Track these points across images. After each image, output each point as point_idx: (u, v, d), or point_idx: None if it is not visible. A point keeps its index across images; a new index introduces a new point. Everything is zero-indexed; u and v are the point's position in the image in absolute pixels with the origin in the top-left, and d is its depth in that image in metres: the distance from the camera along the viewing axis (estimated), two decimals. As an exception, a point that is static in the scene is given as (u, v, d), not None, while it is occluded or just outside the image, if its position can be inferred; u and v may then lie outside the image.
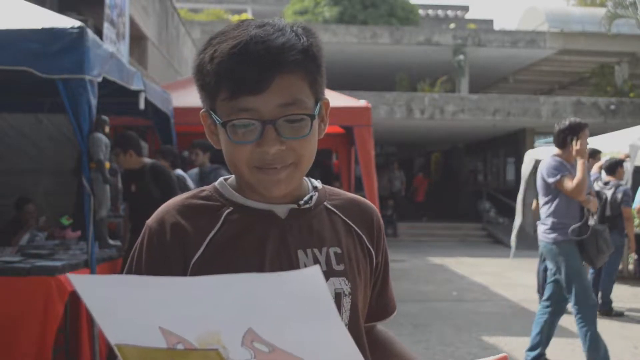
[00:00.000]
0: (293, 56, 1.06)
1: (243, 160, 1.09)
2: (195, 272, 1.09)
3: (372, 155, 7.79)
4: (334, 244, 1.18)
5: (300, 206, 1.17)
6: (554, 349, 6.01)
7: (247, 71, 1.04)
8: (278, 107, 1.06)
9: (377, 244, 1.27)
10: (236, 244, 1.12)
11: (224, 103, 1.08)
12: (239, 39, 1.06)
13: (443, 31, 20.14)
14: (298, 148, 1.10)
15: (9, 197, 6.93)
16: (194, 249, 1.11)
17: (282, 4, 30.60)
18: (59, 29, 4.01)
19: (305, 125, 1.09)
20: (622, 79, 19.96)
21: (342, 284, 1.16)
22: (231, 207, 1.15)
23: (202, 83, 1.11)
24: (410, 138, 22.69)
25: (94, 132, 4.37)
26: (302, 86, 1.09)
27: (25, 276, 3.81)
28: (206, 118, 1.16)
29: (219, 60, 1.06)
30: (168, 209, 1.15)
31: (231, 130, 1.08)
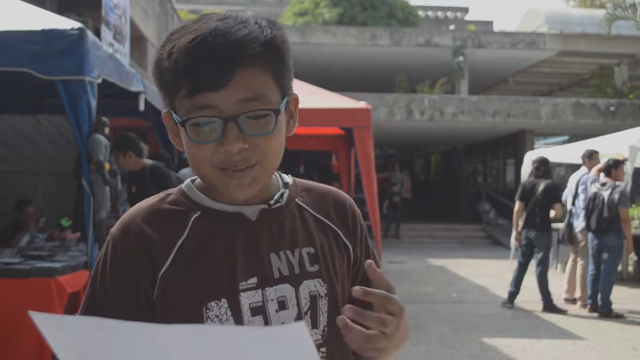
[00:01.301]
0: (254, 49, 1.00)
1: (205, 161, 1.03)
2: (164, 284, 1.04)
3: (372, 156, 7.80)
4: (307, 244, 1.13)
5: (271, 206, 1.11)
6: (553, 349, 6.01)
7: (206, 66, 0.98)
8: (239, 102, 1.00)
9: (354, 236, 1.20)
10: (205, 252, 1.06)
11: (183, 101, 1.02)
12: (198, 33, 1.00)
13: (443, 33, 20.14)
14: (263, 145, 1.03)
15: (8, 199, 6.93)
16: (162, 259, 1.05)
17: (282, 5, 30.62)
18: (58, 31, 4.02)
19: (270, 121, 1.03)
20: (622, 80, 19.96)
21: (317, 285, 1.11)
22: (199, 211, 1.09)
23: (161, 81, 1.05)
24: (410, 139, 22.69)
25: (93, 134, 4.37)
26: (266, 80, 1.03)
27: (25, 277, 3.81)
28: (168, 119, 1.10)
29: (176, 55, 1.00)
30: (132, 217, 1.09)
31: (191, 129, 1.01)
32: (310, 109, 7.70)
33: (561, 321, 7.20)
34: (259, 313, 1.06)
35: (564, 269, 11.08)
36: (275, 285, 1.08)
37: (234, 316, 1.04)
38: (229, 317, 1.04)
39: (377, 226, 7.93)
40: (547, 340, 6.37)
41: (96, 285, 1.08)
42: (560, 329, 6.86)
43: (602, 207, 7.35)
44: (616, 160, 7.78)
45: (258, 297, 1.06)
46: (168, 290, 1.04)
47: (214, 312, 1.03)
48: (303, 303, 1.09)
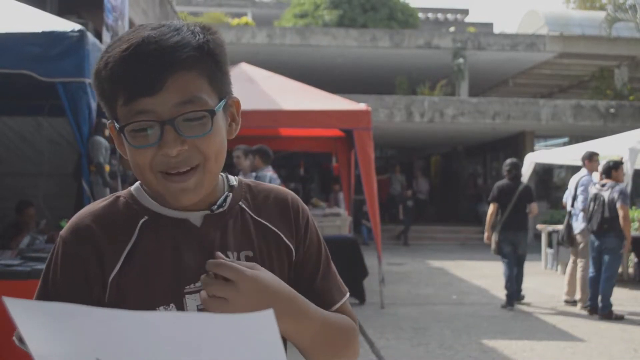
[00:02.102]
0: (186, 53, 1.02)
1: (146, 166, 1.05)
2: (114, 288, 1.06)
3: (372, 158, 7.80)
4: (245, 247, 1.15)
5: (214, 212, 1.13)
6: (553, 351, 6.01)
7: (140, 72, 1.01)
8: (175, 106, 1.02)
9: (296, 234, 1.21)
10: (153, 258, 1.08)
11: (122, 109, 1.04)
12: (131, 42, 1.02)
13: (443, 34, 20.14)
14: (202, 147, 1.05)
15: (8, 200, 6.93)
16: (111, 263, 1.07)
17: (282, 7, 30.64)
18: (59, 33, 4.02)
19: (206, 122, 1.05)
20: (622, 82, 19.96)
21: None
22: (146, 215, 1.11)
23: (101, 91, 1.07)
24: (410, 141, 22.69)
25: (93, 135, 4.38)
26: (200, 84, 1.05)
27: (25, 279, 3.81)
28: (113, 129, 1.10)
29: (112, 64, 1.03)
30: (82, 219, 1.10)
31: (130, 135, 1.03)
32: (310, 110, 7.71)
33: (561, 323, 7.20)
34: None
35: (564, 271, 11.09)
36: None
37: None
38: None
39: (377, 227, 7.92)
40: (547, 341, 6.37)
41: (47, 286, 1.09)
42: (561, 330, 6.86)
43: (603, 208, 7.34)
44: (616, 162, 7.78)
45: None
46: (118, 294, 1.07)
47: None
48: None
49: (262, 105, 7.41)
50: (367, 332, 6.54)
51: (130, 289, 1.07)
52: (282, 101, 7.80)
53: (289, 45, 18.70)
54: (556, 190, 19.13)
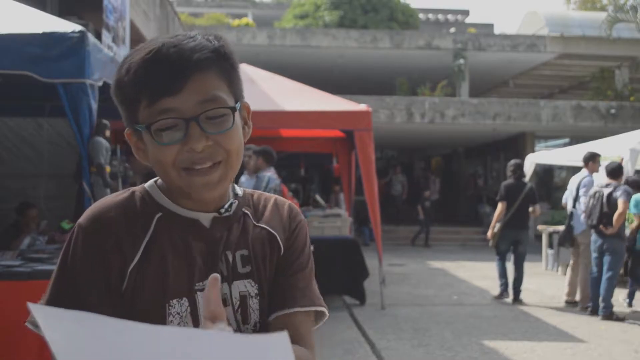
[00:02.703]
0: (204, 55, 1.09)
1: (170, 163, 1.09)
2: (132, 279, 1.10)
3: (373, 159, 7.80)
4: (241, 246, 1.20)
5: (221, 214, 1.18)
6: (554, 352, 6.00)
7: (162, 73, 1.06)
8: (197, 104, 1.08)
9: (287, 239, 1.25)
10: (169, 252, 1.13)
11: (145, 111, 1.09)
12: (151, 47, 1.09)
13: (443, 35, 20.14)
14: (224, 142, 1.10)
15: (9, 201, 6.93)
16: (131, 254, 1.10)
17: (282, 8, 30.64)
18: (59, 34, 4.02)
19: (228, 120, 1.11)
20: (623, 83, 19.95)
21: (247, 286, 1.18)
22: (161, 212, 1.16)
23: (122, 98, 1.12)
24: (410, 142, 22.69)
25: (94, 136, 4.38)
26: (219, 84, 1.11)
27: (25, 280, 3.81)
28: (131, 136, 1.16)
29: (134, 69, 1.08)
30: (102, 208, 1.14)
31: (156, 134, 1.08)
32: (310, 111, 7.71)
33: (562, 324, 7.20)
34: None
35: (564, 272, 11.09)
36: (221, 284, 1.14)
37: (192, 314, 1.12)
38: (187, 315, 1.12)
39: (378, 228, 7.92)
40: (547, 342, 6.36)
41: (65, 275, 1.11)
42: (561, 331, 6.86)
43: (601, 203, 7.33)
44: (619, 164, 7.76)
45: None
46: (136, 285, 1.10)
47: (175, 309, 1.11)
48: (234, 302, 1.17)
49: (262, 106, 7.41)
50: (368, 333, 6.53)
51: (147, 280, 1.11)
52: (282, 102, 7.81)
53: (289, 46, 18.70)
54: (557, 191, 19.12)
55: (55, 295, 1.11)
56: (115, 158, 5.43)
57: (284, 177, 11.16)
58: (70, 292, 1.09)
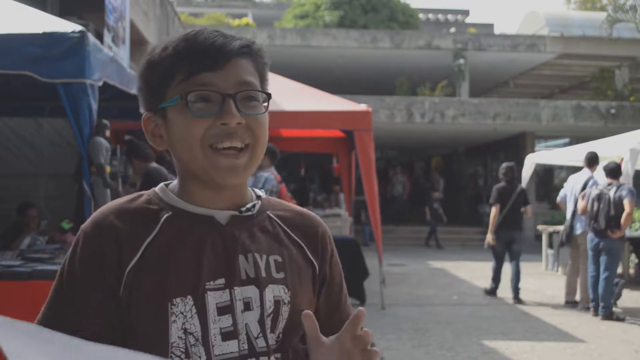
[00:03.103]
0: (242, 44, 1.11)
1: (198, 137, 1.07)
2: (130, 279, 1.06)
3: (373, 159, 7.80)
4: (275, 252, 1.17)
5: (242, 213, 1.15)
6: (554, 352, 6.00)
7: (205, 51, 1.08)
8: (235, 84, 1.09)
9: (321, 255, 1.24)
10: (173, 251, 1.09)
11: (179, 86, 1.09)
12: (194, 30, 1.11)
13: (443, 35, 20.14)
14: (255, 127, 1.11)
15: (9, 201, 6.93)
16: (130, 255, 1.07)
17: (282, 8, 30.63)
18: (59, 34, 4.02)
19: (260, 106, 1.12)
20: (623, 83, 19.95)
21: (281, 292, 1.14)
22: (170, 211, 1.13)
23: (152, 78, 1.12)
24: (410, 142, 22.68)
25: (94, 136, 4.38)
26: (254, 74, 1.13)
27: (25, 280, 3.81)
28: (149, 121, 1.16)
29: (174, 46, 1.10)
30: (104, 213, 1.12)
31: (191, 104, 1.08)
32: (311, 111, 7.71)
33: (562, 324, 7.20)
34: (227, 312, 1.09)
35: (564, 272, 11.08)
36: (242, 286, 1.11)
37: (199, 314, 1.07)
38: (193, 315, 1.07)
39: (378, 229, 7.92)
40: (547, 342, 6.36)
41: (63, 279, 1.10)
42: (561, 331, 6.86)
43: (609, 207, 7.28)
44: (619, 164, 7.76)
45: (226, 297, 1.09)
46: (134, 286, 1.06)
47: (179, 308, 1.06)
48: (267, 306, 1.12)
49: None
50: (368, 333, 6.53)
51: (147, 279, 1.07)
52: (282, 102, 7.81)
53: (289, 46, 18.70)
54: (557, 191, 19.11)
55: (56, 298, 1.11)
56: (115, 158, 5.44)
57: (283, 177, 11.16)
58: (69, 295, 1.09)
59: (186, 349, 1.05)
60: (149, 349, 1.04)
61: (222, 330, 1.08)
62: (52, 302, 1.10)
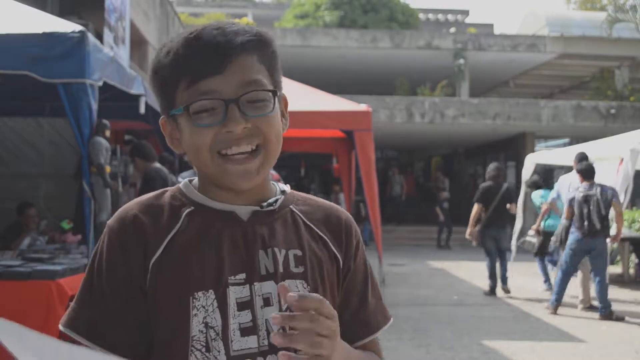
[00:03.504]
0: (248, 38, 1.08)
1: (206, 146, 1.07)
2: (154, 272, 1.07)
3: (373, 159, 7.79)
4: (295, 246, 1.15)
5: (263, 208, 1.15)
6: (554, 352, 6.00)
7: (205, 54, 1.05)
8: (239, 86, 1.06)
9: (346, 250, 1.22)
10: (195, 245, 1.10)
11: (184, 93, 1.07)
12: (195, 30, 1.08)
13: (443, 35, 20.15)
14: (263, 127, 1.08)
15: (9, 201, 6.93)
16: (154, 249, 1.08)
17: (282, 8, 30.64)
18: (59, 34, 4.02)
19: (268, 104, 1.09)
20: (623, 83, 19.96)
21: (299, 286, 1.13)
22: (192, 206, 1.13)
23: (160, 82, 1.11)
24: (410, 142, 22.69)
25: (94, 136, 4.38)
26: (261, 69, 1.10)
27: (25, 280, 3.81)
28: (166, 125, 1.15)
29: (175, 50, 1.07)
30: (129, 209, 1.13)
31: (194, 115, 1.06)
32: (310, 111, 7.70)
33: (562, 324, 7.20)
34: (247, 308, 1.09)
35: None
36: (261, 281, 1.11)
37: (220, 308, 1.07)
38: (214, 309, 1.07)
39: (378, 229, 7.92)
40: (548, 342, 6.36)
41: (93, 275, 1.11)
42: (562, 331, 6.86)
43: (598, 207, 7.32)
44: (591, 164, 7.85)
45: (246, 292, 1.09)
46: (158, 279, 1.07)
47: (200, 302, 1.07)
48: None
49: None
50: (368, 333, 6.53)
51: (169, 273, 1.08)
52: (282, 102, 7.79)
53: (289, 46, 18.70)
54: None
55: (85, 293, 1.12)
56: (115, 158, 5.45)
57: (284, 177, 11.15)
58: (97, 290, 1.10)
59: (207, 343, 1.06)
60: (170, 342, 1.07)
61: (241, 325, 1.08)
62: (82, 297, 1.12)
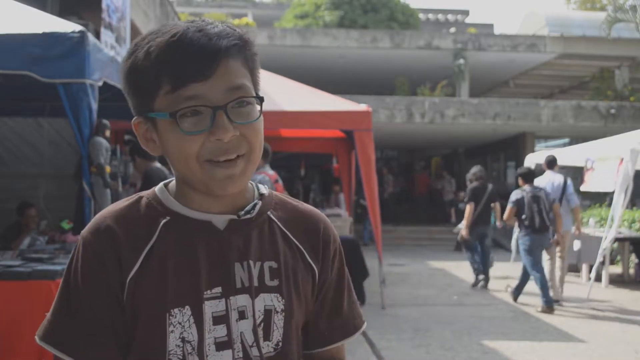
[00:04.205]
0: (232, 41, 1.04)
1: (194, 154, 1.02)
2: (131, 289, 1.04)
3: (373, 159, 7.79)
4: (270, 257, 1.12)
5: (240, 217, 1.11)
6: (554, 352, 6.00)
7: (190, 58, 1.00)
8: (225, 92, 1.02)
9: (322, 259, 1.19)
10: (172, 259, 1.06)
11: (166, 97, 1.02)
12: (175, 31, 1.02)
13: (443, 35, 20.15)
14: (249, 135, 1.05)
15: (9, 201, 6.94)
16: (130, 263, 1.05)
17: (282, 8, 30.64)
18: (59, 34, 4.03)
19: (254, 110, 1.06)
20: (623, 83, 19.96)
21: (273, 300, 1.11)
22: (168, 216, 1.09)
23: (137, 84, 1.05)
24: (410, 142, 22.69)
25: (94, 136, 4.38)
26: (245, 73, 1.07)
27: (25, 280, 3.81)
28: (139, 125, 1.09)
29: (157, 52, 1.01)
30: (103, 218, 1.08)
31: (180, 121, 1.01)
32: (310, 111, 7.70)
33: (562, 324, 7.20)
34: (222, 322, 1.07)
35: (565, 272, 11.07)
36: (236, 294, 1.09)
37: (196, 324, 1.05)
38: (191, 324, 1.05)
39: (378, 229, 7.92)
40: (548, 342, 6.36)
41: (69, 286, 1.07)
42: (562, 331, 6.86)
43: (545, 206, 7.88)
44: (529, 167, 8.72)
45: (222, 307, 1.07)
46: (135, 295, 1.05)
47: (176, 318, 1.05)
48: (257, 315, 1.10)
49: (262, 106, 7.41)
50: (368, 333, 6.53)
51: (146, 289, 1.05)
52: (282, 102, 7.80)
53: (289, 46, 18.71)
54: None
55: (61, 305, 1.08)
56: (115, 158, 5.43)
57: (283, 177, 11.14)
58: (73, 302, 1.06)
59: (183, 356, 1.05)
60: (147, 356, 1.05)
61: (217, 340, 1.07)
62: (58, 309, 1.08)
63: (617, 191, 8.41)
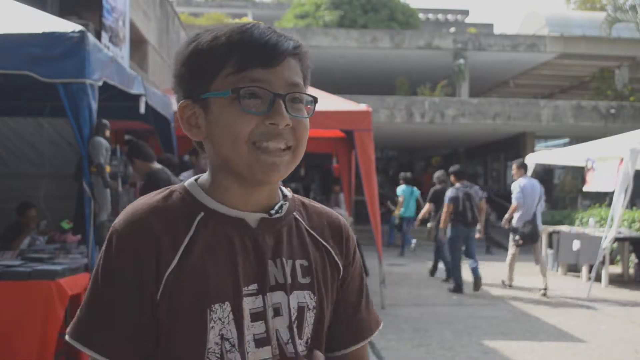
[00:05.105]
0: (295, 44, 1.09)
1: (245, 134, 1.04)
2: (169, 285, 1.03)
3: (373, 159, 7.79)
4: (301, 256, 1.15)
5: (271, 215, 1.12)
6: (554, 352, 6.00)
7: (261, 45, 1.05)
8: (286, 84, 1.06)
9: (345, 257, 1.23)
10: (210, 255, 1.06)
11: (227, 79, 1.05)
12: (245, 26, 1.08)
13: (443, 35, 20.16)
14: (300, 129, 1.09)
15: (9, 201, 6.94)
16: (168, 259, 1.04)
17: (282, 8, 30.64)
18: (59, 34, 4.02)
19: (304, 109, 1.11)
20: (623, 83, 19.97)
21: (306, 297, 1.13)
22: (202, 212, 1.09)
23: (198, 65, 1.07)
24: (410, 142, 22.70)
25: (94, 136, 4.37)
26: (301, 76, 1.11)
27: (25, 280, 3.81)
28: (185, 109, 1.11)
29: (227, 36, 1.06)
30: (138, 211, 1.07)
31: (242, 100, 1.04)
32: (310, 111, 7.70)
33: (562, 323, 7.20)
34: (260, 319, 1.08)
35: (565, 271, 11.12)
36: (271, 292, 1.10)
37: (236, 320, 1.06)
38: (230, 321, 1.05)
39: (378, 229, 7.92)
40: (547, 342, 6.36)
41: (100, 282, 1.05)
42: (561, 331, 6.86)
43: (474, 203, 8.96)
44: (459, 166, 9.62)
45: (259, 303, 1.09)
46: (174, 291, 1.03)
47: (217, 314, 1.05)
48: (292, 312, 1.12)
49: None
50: (368, 333, 6.53)
51: (186, 285, 1.04)
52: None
53: (289, 46, 18.70)
54: (557, 191, 19.12)
55: (91, 301, 1.07)
56: (115, 158, 5.43)
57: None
58: (105, 299, 1.05)
59: (221, 355, 1.05)
60: (185, 354, 1.04)
61: (256, 336, 1.08)
62: (89, 306, 1.06)
63: (617, 191, 8.42)
